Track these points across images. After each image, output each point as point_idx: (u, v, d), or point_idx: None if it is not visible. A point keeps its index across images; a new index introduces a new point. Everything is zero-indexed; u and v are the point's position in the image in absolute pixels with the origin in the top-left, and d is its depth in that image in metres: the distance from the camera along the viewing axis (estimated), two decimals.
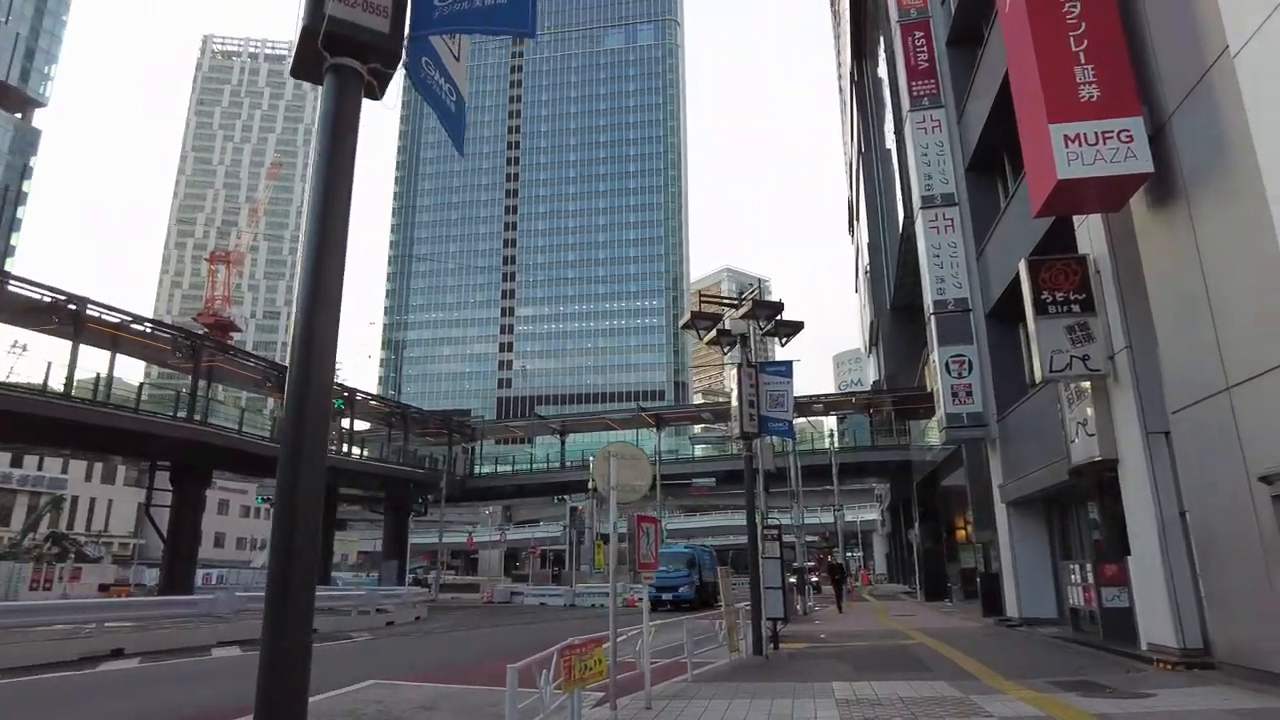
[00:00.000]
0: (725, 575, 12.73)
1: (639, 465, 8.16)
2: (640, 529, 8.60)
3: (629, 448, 8.28)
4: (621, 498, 7.91)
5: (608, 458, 7.85)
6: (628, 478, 7.95)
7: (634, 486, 8.04)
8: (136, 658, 12.63)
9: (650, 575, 8.84)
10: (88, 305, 25.59)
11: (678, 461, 43.73)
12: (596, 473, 8.02)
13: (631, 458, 8.09)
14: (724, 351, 15.08)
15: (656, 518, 9.02)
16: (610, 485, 7.79)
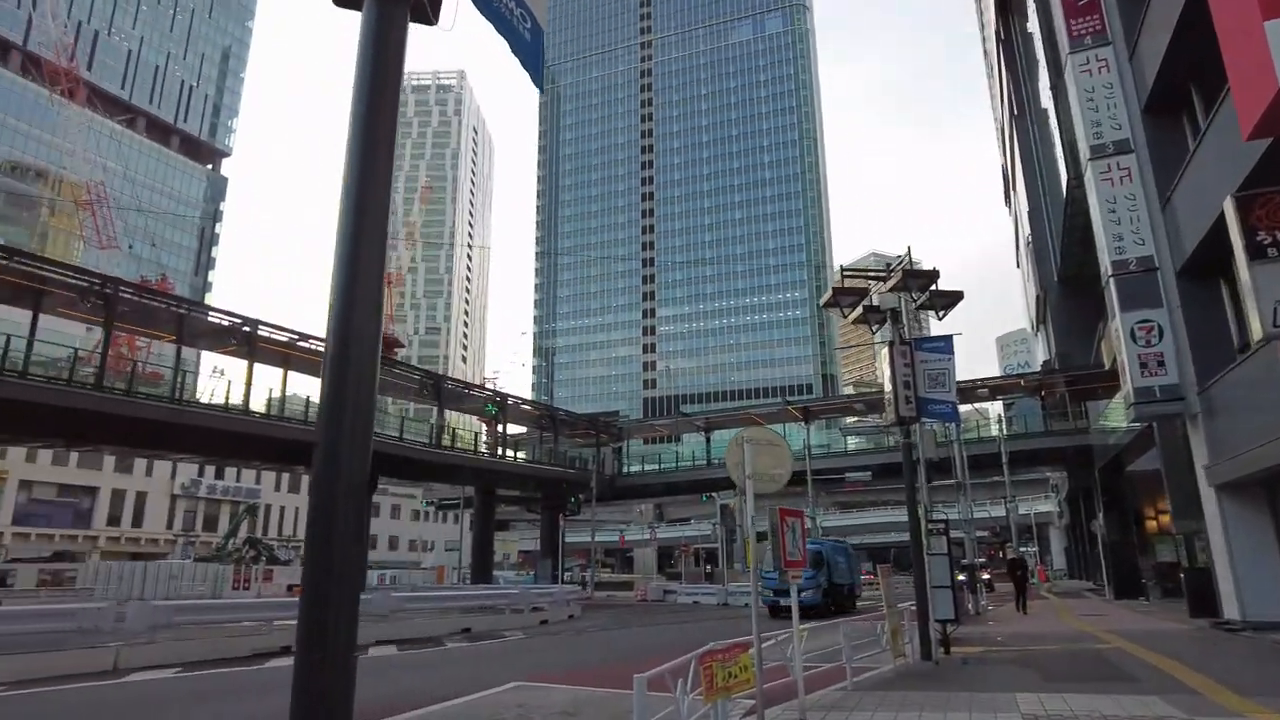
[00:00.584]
0: (886, 574, 11.63)
1: (777, 452, 7.39)
2: (784, 524, 7.82)
3: (765, 432, 7.53)
4: (759, 488, 7.19)
5: (741, 444, 7.15)
6: (765, 465, 7.21)
7: (772, 475, 7.29)
8: (271, 658, 13.23)
9: (798, 574, 8.04)
10: (259, 326, 27.68)
11: (829, 456, 41.96)
12: (730, 461, 7.33)
13: (768, 444, 7.33)
14: (873, 330, 13.95)
15: (802, 510, 8.19)
16: (745, 475, 7.09)
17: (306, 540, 2.49)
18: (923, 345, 13.15)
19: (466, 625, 18.34)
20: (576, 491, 43.85)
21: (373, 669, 12.35)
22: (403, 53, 2.91)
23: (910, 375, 12.75)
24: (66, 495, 62.24)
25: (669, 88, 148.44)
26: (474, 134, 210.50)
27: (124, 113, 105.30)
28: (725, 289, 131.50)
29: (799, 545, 8.07)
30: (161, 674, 11.09)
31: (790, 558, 7.84)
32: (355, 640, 2.47)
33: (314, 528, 2.44)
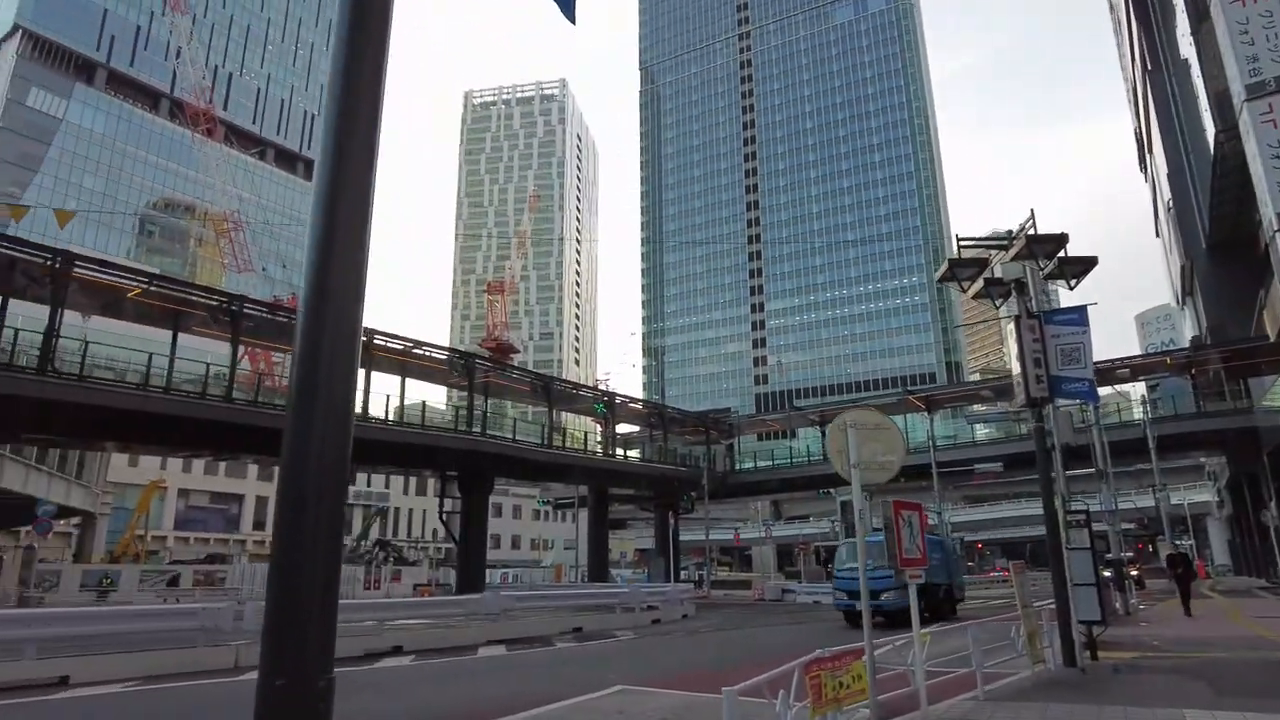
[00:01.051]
0: (1020, 570, 10.51)
1: (887, 437, 6.63)
2: (899, 518, 7.05)
3: (873, 415, 6.77)
4: (867, 478, 6.47)
5: (845, 429, 6.45)
6: (872, 452, 6.48)
7: (881, 463, 6.55)
8: (410, 655, 13.38)
9: (917, 573, 7.24)
10: (375, 336, 28.70)
11: (955, 447, 39.57)
12: (832, 449, 6.64)
13: (876, 427, 6.58)
14: (996, 305, 12.75)
15: (919, 504, 7.39)
16: (850, 463, 6.39)
17: (272, 546, 2.11)
18: (1053, 318, 11.89)
19: (578, 625, 18.22)
20: (688, 489, 43.43)
21: (477, 671, 12.30)
22: (387, 21, 2.51)
23: (1040, 352, 11.55)
24: (218, 502, 67.32)
25: (769, 77, 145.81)
26: (578, 140, 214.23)
27: (256, 145, 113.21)
28: (837, 278, 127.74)
29: (917, 541, 7.27)
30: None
31: (907, 555, 7.07)
32: (331, 663, 2.06)
33: (281, 532, 2.05)
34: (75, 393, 20.44)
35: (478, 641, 14.84)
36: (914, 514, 7.32)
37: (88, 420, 22.09)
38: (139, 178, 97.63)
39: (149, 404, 21.90)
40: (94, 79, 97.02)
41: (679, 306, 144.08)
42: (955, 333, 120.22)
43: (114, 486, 51.55)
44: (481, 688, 10.46)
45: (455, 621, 15.67)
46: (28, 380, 19.66)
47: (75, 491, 39.96)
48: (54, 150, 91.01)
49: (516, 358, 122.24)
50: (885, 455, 6.44)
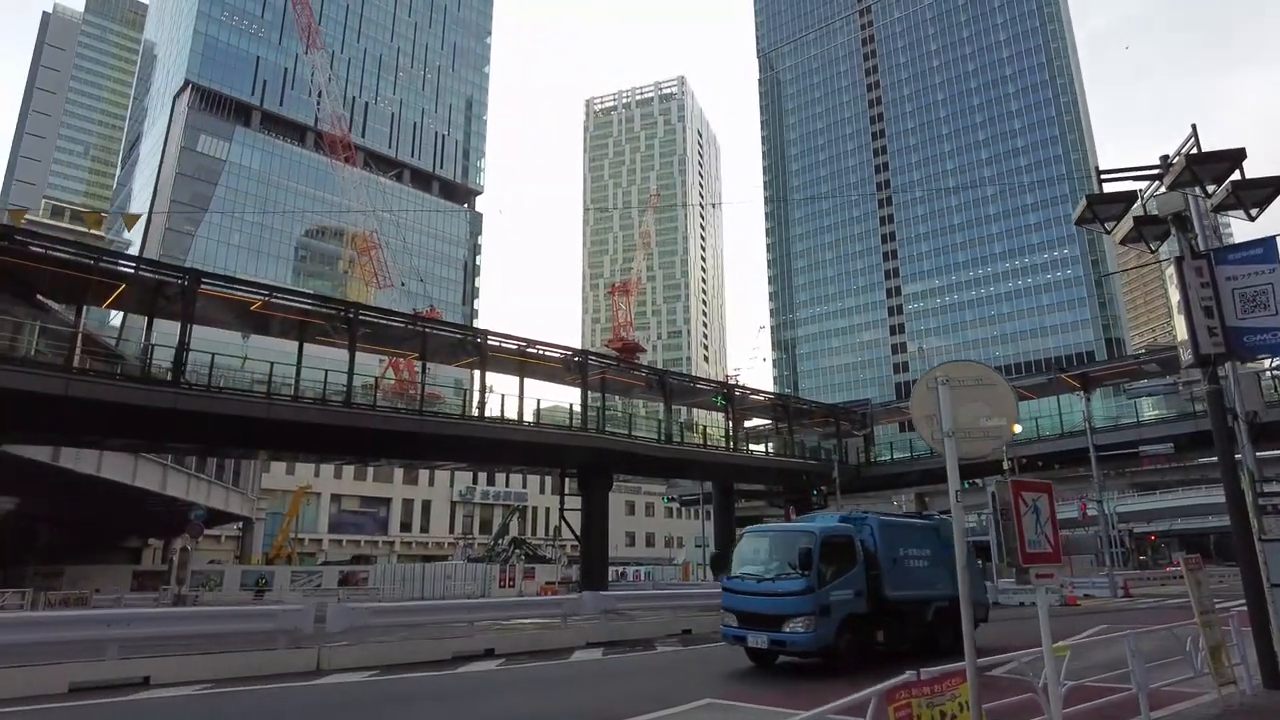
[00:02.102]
0: (1195, 567, 8.42)
1: (992, 395, 5.09)
2: (1019, 502, 5.51)
3: (974, 368, 5.22)
4: (967, 450, 4.99)
5: (934, 387, 5.00)
6: (972, 415, 4.99)
7: (985, 430, 5.05)
8: (500, 659, 12.74)
9: (1048, 571, 5.65)
10: (489, 336, 28.82)
11: (1117, 429, 35.27)
12: (918, 413, 5.19)
13: (977, 383, 5.05)
14: (1152, 250, 10.59)
15: (1048, 485, 5.78)
16: (945, 430, 4.94)
17: None
18: (1229, 256, 9.63)
19: (687, 627, 17.12)
20: (819, 484, 41.34)
21: (564, 677, 11.47)
22: None
23: (1213, 298, 9.37)
24: (367, 506, 71.16)
25: (894, 51, 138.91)
26: (699, 137, 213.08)
27: (393, 168, 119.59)
28: (978, 255, 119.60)
29: (1045, 533, 5.67)
30: (354, 676, 11.01)
31: (1031, 549, 5.51)
32: None
33: None
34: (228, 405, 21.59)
35: (575, 644, 14.08)
36: (1041, 497, 5.73)
37: (233, 430, 23.22)
38: (292, 207, 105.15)
39: (301, 414, 22.86)
40: (250, 121, 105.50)
41: (809, 296, 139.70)
42: (1116, 307, 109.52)
43: (270, 493, 55.41)
44: (561, 697, 9.61)
45: (554, 623, 15.00)
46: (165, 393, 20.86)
47: (233, 498, 42.96)
48: (220, 189, 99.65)
49: (644, 358, 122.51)
50: (990, 419, 4.90)
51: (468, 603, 15.33)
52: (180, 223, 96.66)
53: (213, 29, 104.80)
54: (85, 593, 27.68)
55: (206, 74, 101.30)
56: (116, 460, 29.54)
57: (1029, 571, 5.44)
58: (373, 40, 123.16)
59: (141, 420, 20.86)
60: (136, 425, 21.31)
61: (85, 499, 35.51)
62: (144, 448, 27.07)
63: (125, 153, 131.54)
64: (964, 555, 4.76)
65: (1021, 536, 5.41)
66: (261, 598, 38.57)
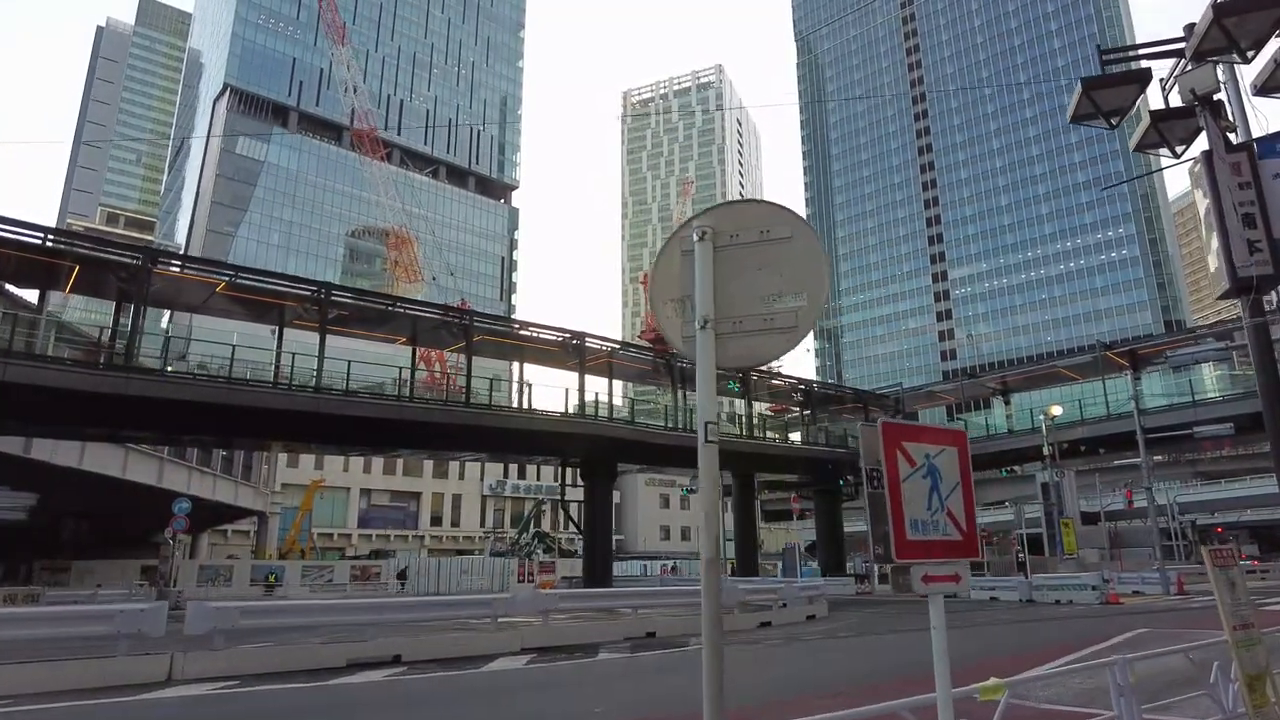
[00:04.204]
0: (1224, 563, 6.06)
1: (789, 254, 2.67)
2: (901, 458, 3.43)
3: (758, 210, 2.68)
4: (738, 353, 2.80)
5: (688, 249, 2.76)
6: (750, 293, 2.76)
7: (773, 315, 2.77)
8: (403, 668, 10.99)
9: (949, 573, 3.55)
10: (474, 318, 27.17)
11: (1171, 409, 31.75)
12: (660, 293, 2.89)
13: (761, 237, 2.65)
14: (1176, 154, 8.27)
15: (958, 433, 3.71)
16: (697, 319, 2.73)
17: None
18: (1275, 147, 7.27)
19: (652, 629, 15.15)
20: (846, 473, 38.86)
21: (455, 694, 9.63)
22: None
23: (1255, 202, 7.04)
24: (397, 500, 70.62)
25: (936, 28, 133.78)
26: (738, 125, 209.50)
27: (428, 165, 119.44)
28: (1028, 237, 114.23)
29: (950, 509, 3.57)
30: (200, 689, 9.34)
31: (916, 535, 3.42)
32: None
33: None
34: (183, 390, 20.43)
35: (506, 650, 12.28)
36: (943, 452, 3.63)
37: (191, 416, 22.05)
38: (328, 205, 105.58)
39: (263, 400, 21.66)
40: (288, 121, 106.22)
41: (852, 284, 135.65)
42: (1177, 288, 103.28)
43: (291, 488, 54.91)
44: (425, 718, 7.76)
45: (483, 625, 13.21)
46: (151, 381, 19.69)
47: (243, 491, 42.32)
48: (259, 190, 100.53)
49: None
50: (783, 297, 2.78)
51: (374, 602, 13.64)
52: (220, 224, 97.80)
53: (249, 32, 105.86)
54: (38, 589, 26.83)
55: (244, 77, 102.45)
56: (102, 452, 28.79)
57: (908, 571, 3.36)
58: (406, 38, 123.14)
59: (91, 407, 19.75)
60: (86, 412, 20.23)
61: (104, 495, 35.13)
62: (100, 436, 26.23)
63: (172, 158, 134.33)
64: (712, 546, 2.66)
65: (898, 514, 3.35)
66: (271, 593, 37.83)
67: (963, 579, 3.52)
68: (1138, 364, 33.50)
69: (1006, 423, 41.21)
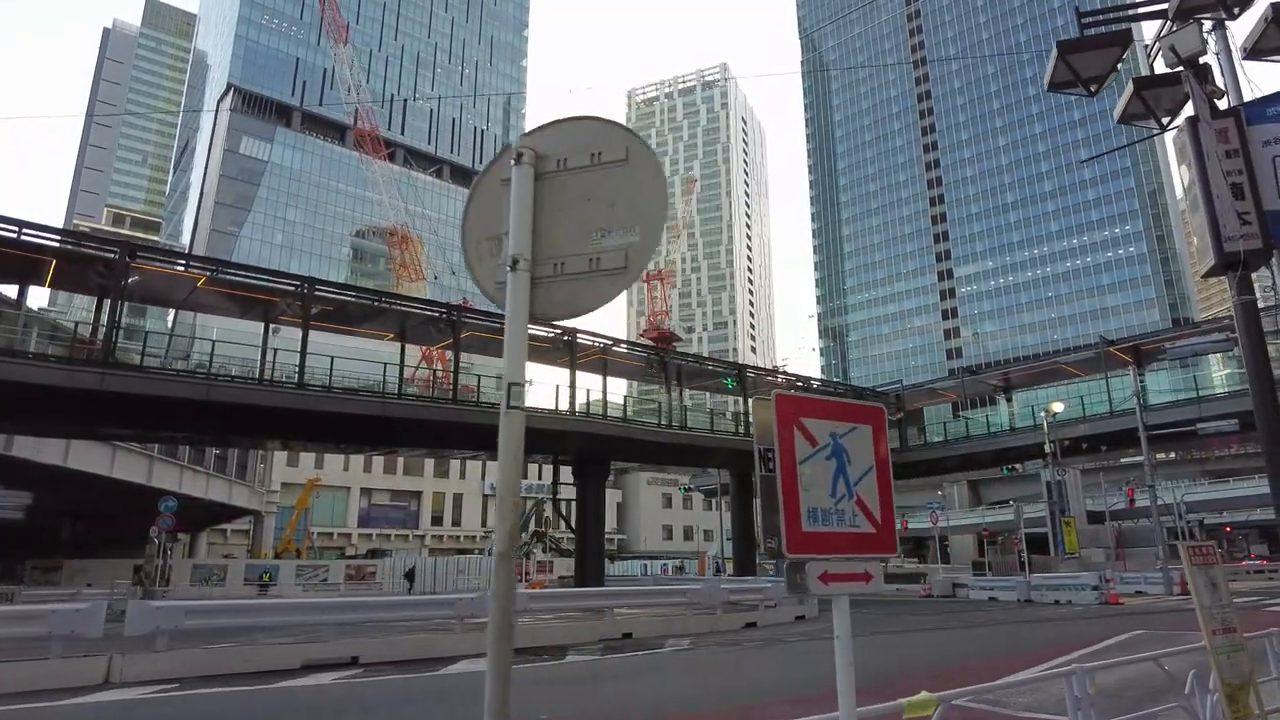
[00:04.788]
0: (1203, 561, 5.50)
1: (624, 182, 2.08)
2: (800, 436, 2.94)
3: (591, 129, 2.19)
4: (561, 301, 2.19)
5: (506, 178, 2.24)
6: (578, 228, 2.15)
7: (600, 253, 2.18)
8: (359, 669, 10.55)
9: (856, 571, 3.06)
10: (463, 314, 26.75)
11: (1175, 406, 30.95)
12: (474, 233, 2.27)
13: (594, 162, 2.13)
14: (1163, 126, 7.75)
15: (876, 410, 3.22)
16: (507, 257, 2.21)
17: None
18: (1269, 111, 6.75)
19: (628, 630, 14.67)
20: None
21: (406, 696, 9.17)
22: None
23: (1242, 171, 6.53)
24: (397, 500, 70.31)
25: (941, 25, 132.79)
26: (743, 124, 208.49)
27: (432, 164, 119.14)
28: (1034, 234, 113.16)
29: (861, 497, 3.07)
30: (137, 692, 8.92)
31: (814, 525, 2.94)
32: None
33: None
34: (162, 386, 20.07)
35: (470, 652, 11.83)
36: (853, 431, 3.12)
37: (170, 413, 21.69)
38: (332, 205, 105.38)
39: (247, 396, 21.26)
40: (291, 121, 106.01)
41: (857, 282, 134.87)
42: (1185, 285, 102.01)
43: (289, 488, 54.63)
44: None
45: (450, 626, 12.74)
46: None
47: (237, 490, 42.01)
48: (262, 189, 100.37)
49: (689, 349, 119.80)
50: (613, 233, 2.22)
51: (332, 602, 13.16)
52: (224, 223, 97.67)
53: (253, 33, 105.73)
54: (12, 589, 26.53)
55: (248, 77, 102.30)
56: (88, 450, 28.46)
57: (803, 569, 2.86)
58: (410, 38, 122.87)
59: (66, 403, 19.39)
60: (60, 407, 19.87)
61: (95, 494, 34.86)
62: (78, 433, 25.90)
63: (177, 158, 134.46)
64: (506, 539, 2.17)
65: (791, 502, 2.86)
66: (265, 593, 37.51)
67: (874, 578, 3.04)
68: (1141, 359, 32.82)
69: (1009, 419, 40.49)
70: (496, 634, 1.97)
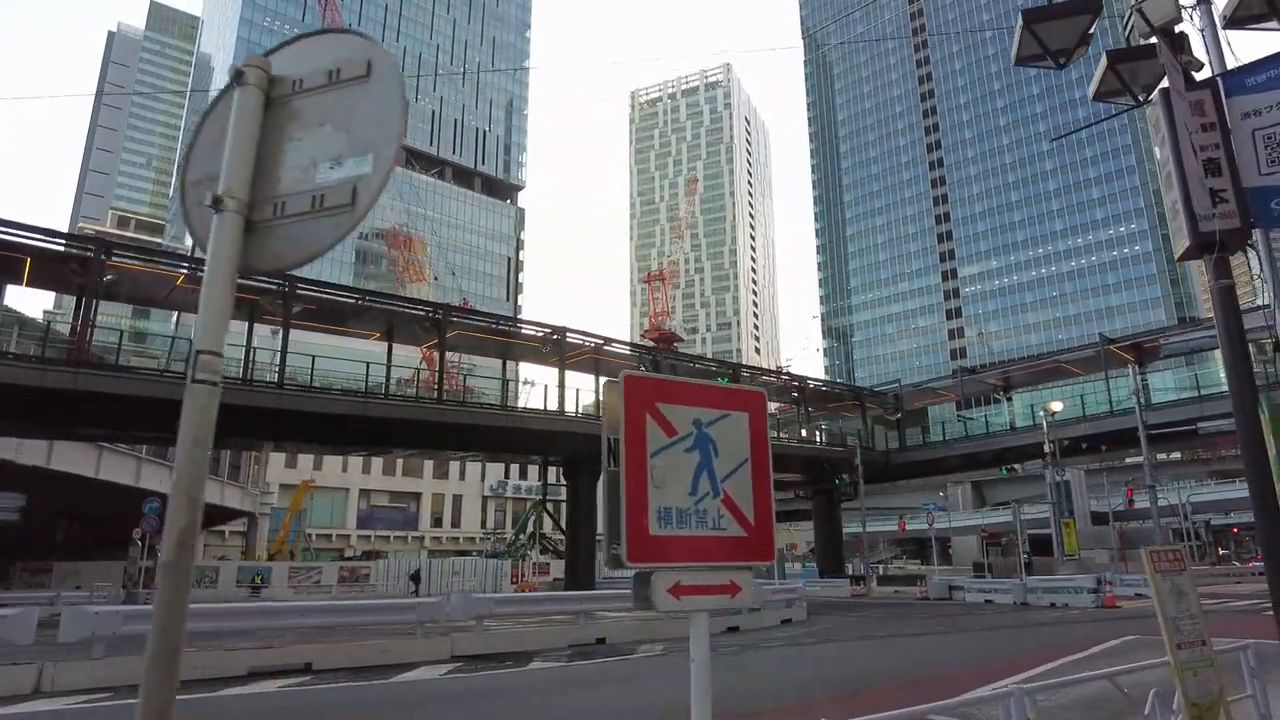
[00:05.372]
0: (1168, 567, 5.02)
1: (362, 102, 1.63)
2: (654, 421, 2.51)
3: (330, 42, 1.81)
4: (279, 247, 1.83)
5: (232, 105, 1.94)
6: (305, 157, 1.73)
7: (323, 189, 1.66)
8: (309, 676, 10.13)
9: (722, 583, 2.63)
10: (450, 313, 26.37)
11: (1176, 405, 30.29)
12: (194, 173, 1.88)
13: (330, 80, 1.60)
14: (1139, 100, 7.27)
15: (757, 394, 2.79)
16: (212, 196, 1.96)
17: None
18: (1248, 81, 6.25)
19: (602, 635, 14.23)
20: (841, 472, 37.76)
21: (346, 703, 8.74)
22: None
23: (1219, 146, 6.05)
24: (396, 501, 70.00)
25: (944, 23, 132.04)
26: (746, 124, 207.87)
27: (434, 165, 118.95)
28: (1038, 234, 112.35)
29: (732, 496, 2.63)
30: (70, 702, 8.52)
31: (667, 527, 2.49)
32: None
33: None
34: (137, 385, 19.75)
35: (433, 657, 11.41)
36: (726, 419, 2.65)
37: (146, 412, 21.36)
38: None
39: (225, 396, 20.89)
40: None
41: (861, 281, 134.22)
42: (1191, 284, 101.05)
43: (286, 489, 54.33)
44: None
45: (411, 631, 12.32)
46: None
47: (230, 492, 41.70)
48: None
49: (694, 350, 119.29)
50: (343, 161, 1.76)
51: (286, 606, 12.71)
52: None
53: (255, 34, 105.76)
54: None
55: None
56: (73, 451, 28.15)
57: (648, 580, 2.42)
58: (412, 39, 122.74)
59: (41, 403, 19.06)
60: (32, 407, 19.54)
61: (83, 495, 34.56)
62: (55, 434, 25.57)
63: (181, 161, 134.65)
64: (173, 546, 1.86)
65: (637, 499, 2.41)
66: (258, 595, 37.17)
67: (742, 590, 2.59)
68: (1142, 358, 32.22)
69: (1008, 418, 39.92)
70: (154, 660, 1.53)
